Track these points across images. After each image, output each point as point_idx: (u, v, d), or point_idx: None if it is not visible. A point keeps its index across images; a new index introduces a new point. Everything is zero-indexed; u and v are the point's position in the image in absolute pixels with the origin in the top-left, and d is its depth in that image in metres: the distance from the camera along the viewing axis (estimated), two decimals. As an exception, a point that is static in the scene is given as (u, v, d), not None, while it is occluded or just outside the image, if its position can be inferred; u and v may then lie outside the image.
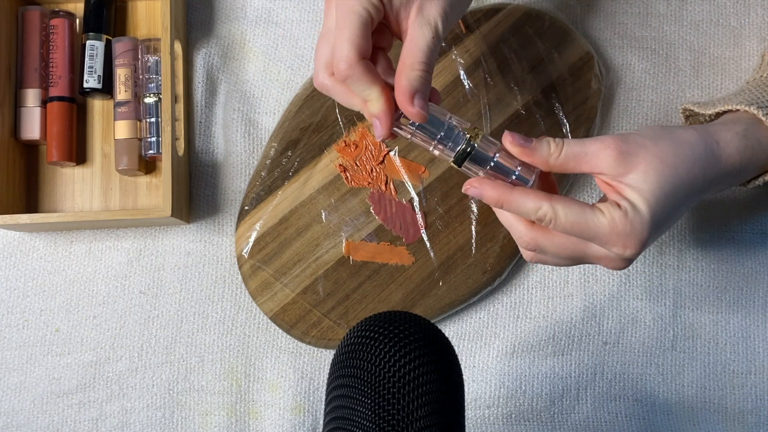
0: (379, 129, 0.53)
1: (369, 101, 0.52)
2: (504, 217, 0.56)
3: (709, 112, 0.62)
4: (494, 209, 0.56)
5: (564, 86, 0.72)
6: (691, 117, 0.66)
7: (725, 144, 0.55)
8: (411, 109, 0.51)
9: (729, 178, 0.56)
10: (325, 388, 0.59)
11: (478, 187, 0.54)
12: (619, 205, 0.52)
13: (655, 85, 0.74)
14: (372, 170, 0.72)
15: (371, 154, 0.72)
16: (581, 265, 0.72)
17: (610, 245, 0.52)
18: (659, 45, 0.75)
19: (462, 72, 0.72)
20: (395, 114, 0.53)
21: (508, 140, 0.53)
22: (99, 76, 0.73)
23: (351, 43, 0.51)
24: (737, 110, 0.60)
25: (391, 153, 0.72)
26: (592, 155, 0.53)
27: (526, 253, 0.56)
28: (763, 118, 0.57)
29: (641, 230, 0.51)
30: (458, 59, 0.72)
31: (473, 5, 0.74)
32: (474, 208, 0.71)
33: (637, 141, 0.53)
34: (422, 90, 0.51)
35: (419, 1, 0.53)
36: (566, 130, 0.71)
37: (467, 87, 0.72)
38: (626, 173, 0.52)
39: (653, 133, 0.54)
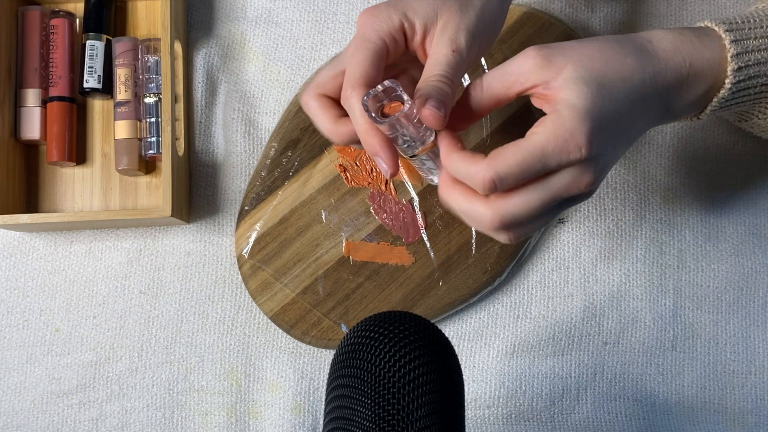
0: (382, 165, 0.51)
1: (358, 130, 0.51)
2: (459, 204, 0.51)
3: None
4: (448, 201, 0.52)
5: (564, 86, 0.72)
6: None
7: (659, 41, 0.52)
8: (422, 111, 0.49)
9: (678, 82, 0.52)
10: (325, 388, 0.59)
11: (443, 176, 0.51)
12: (554, 111, 0.48)
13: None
14: (372, 170, 0.72)
15: (371, 154, 0.72)
16: (581, 266, 0.72)
17: (563, 156, 0.48)
18: (659, 45, 0.75)
19: (462, 72, 0.72)
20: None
21: (433, 116, 0.49)
22: (99, 76, 0.73)
23: (359, 67, 0.50)
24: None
25: (391, 153, 0.72)
26: (517, 70, 0.50)
27: (500, 236, 0.52)
28: (709, 24, 0.54)
29: (582, 121, 0.47)
30: (458, 59, 0.72)
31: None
32: (474, 208, 0.71)
33: (561, 44, 0.51)
34: (435, 96, 0.49)
35: (442, 22, 0.52)
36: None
37: (467, 87, 0.72)
38: (556, 76, 0.49)
39: (578, 40, 0.52)
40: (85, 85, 0.72)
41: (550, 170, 0.49)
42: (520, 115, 0.72)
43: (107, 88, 0.73)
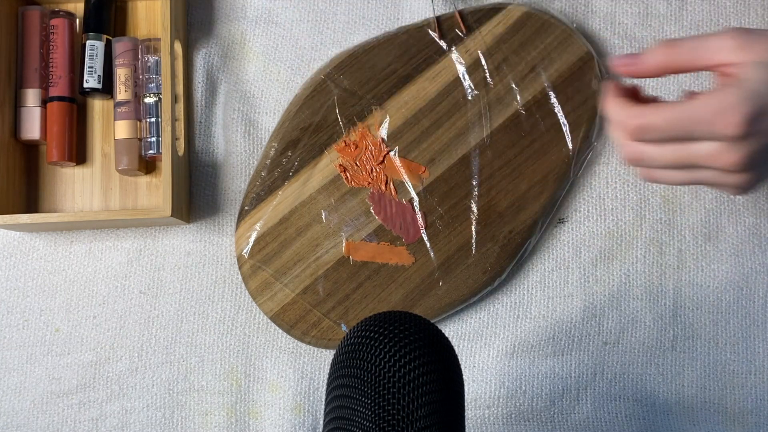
0: None
1: None
2: (612, 124, 0.53)
3: None
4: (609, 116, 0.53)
5: (564, 86, 0.72)
6: None
7: None
8: None
9: None
10: (325, 388, 0.59)
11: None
12: (727, 86, 0.47)
13: (655, 86, 0.74)
14: (372, 170, 0.72)
15: (371, 154, 0.72)
16: (581, 266, 0.72)
17: (711, 127, 0.47)
18: (659, 45, 0.75)
19: (462, 72, 0.72)
20: None
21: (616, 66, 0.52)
22: (99, 76, 0.73)
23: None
24: None
25: (391, 153, 0.72)
26: (714, 45, 0.49)
27: (629, 162, 0.53)
28: None
29: (746, 100, 0.46)
30: (458, 59, 0.72)
31: (473, 5, 0.74)
32: (474, 208, 0.71)
33: (762, 31, 0.50)
34: None
35: None
36: (566, 130, 0.71)
37: (467, 87, 0.72)
38: (747, 59, 0.48)
39: None
40: (85, 85, 0.72)
41: (694, 137, 0.49)
42: (519, 115, 0.72)
43: (107, 88, 0.73)
